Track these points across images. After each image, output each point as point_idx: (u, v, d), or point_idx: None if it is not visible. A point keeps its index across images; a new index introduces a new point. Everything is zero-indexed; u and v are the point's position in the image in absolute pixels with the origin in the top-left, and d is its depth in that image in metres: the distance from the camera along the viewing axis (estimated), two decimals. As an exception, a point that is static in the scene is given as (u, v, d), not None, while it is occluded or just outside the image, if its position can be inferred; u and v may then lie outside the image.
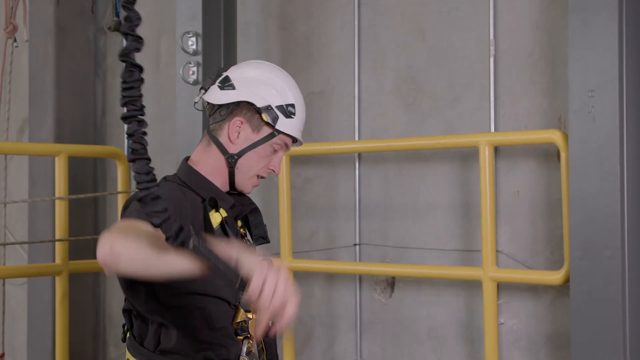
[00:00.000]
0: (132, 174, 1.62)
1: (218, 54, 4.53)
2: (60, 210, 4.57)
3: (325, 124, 4.73)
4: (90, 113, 5.80)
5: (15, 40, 5.51)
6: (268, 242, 2.60)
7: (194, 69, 4.48)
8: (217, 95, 2.43)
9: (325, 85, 4.74)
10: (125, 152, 5.47)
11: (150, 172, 1.64)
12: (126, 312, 2.37)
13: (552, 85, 3.95)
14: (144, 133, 1.63)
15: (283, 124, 2.40)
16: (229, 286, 1.74)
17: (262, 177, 2.46)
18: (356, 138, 4.59)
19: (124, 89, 1.63)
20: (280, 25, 4.93)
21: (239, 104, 2.41)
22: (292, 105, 2.41)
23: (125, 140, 5.59)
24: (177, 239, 1.65)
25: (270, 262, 1.83)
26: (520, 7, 4.07)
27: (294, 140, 2.48)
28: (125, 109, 1.63)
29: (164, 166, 5.37)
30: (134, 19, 1.59)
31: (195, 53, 4.48)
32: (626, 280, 3.34)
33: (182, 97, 4.54)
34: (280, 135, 2.42)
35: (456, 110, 4.27)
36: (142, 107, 1.61)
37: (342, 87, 4.67)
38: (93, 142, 5.79)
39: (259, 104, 2.39)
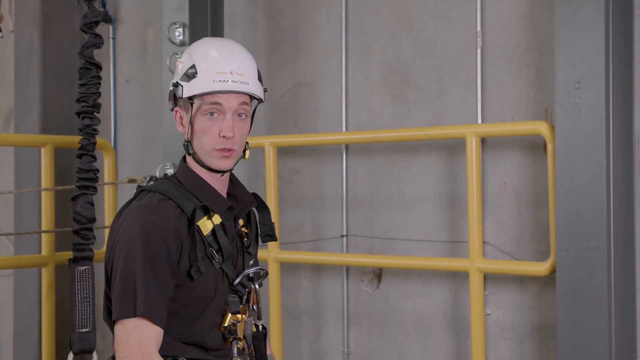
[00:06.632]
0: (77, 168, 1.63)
1: (205, 45, 4.51)
2: (47, 202, 4.55)
3: (312, 116, 4.73)
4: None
5: (0, 31, 5.47)
6: (275, 239, 2.59)
7: (181, 59, 4.47)
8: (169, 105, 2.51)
9: (312, 76, 4.74)
10: (112, 144, 5.46)
11: (91, 169, 1.64)
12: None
13: (539, 77, 3.96)
14: (95, 130, 1.63)
15: (188, 89, 2.38)
16: None
17: (224, 150, 2.39)
18: (343, 129, 4.59)
19: (79, 85, 1.65)
20: (268, 16, 4.92)
21: (173, 100, 2.48)
22: (192, 67, 2.39)
23: (112, 132, 5.57)
24: (76, 261, 1.70)
25: None
26: (507, -1, 4.07)
27: (231, 95, 2.39)
28: (80, 105, 1.64)
29: (149, 157, 5.37)
30: (90, 17, 1.59)
31: (182, 44, 4.46)
32: (612, 271, 3.35)
33: (168, 88, 4.51)
34: (198, 100, 2.39)
35: (443, 102, 4.27)
36: (97, 104, 1.62)
37: (329, 78, 4.67)
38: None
39: (171, 87, 2.44)
